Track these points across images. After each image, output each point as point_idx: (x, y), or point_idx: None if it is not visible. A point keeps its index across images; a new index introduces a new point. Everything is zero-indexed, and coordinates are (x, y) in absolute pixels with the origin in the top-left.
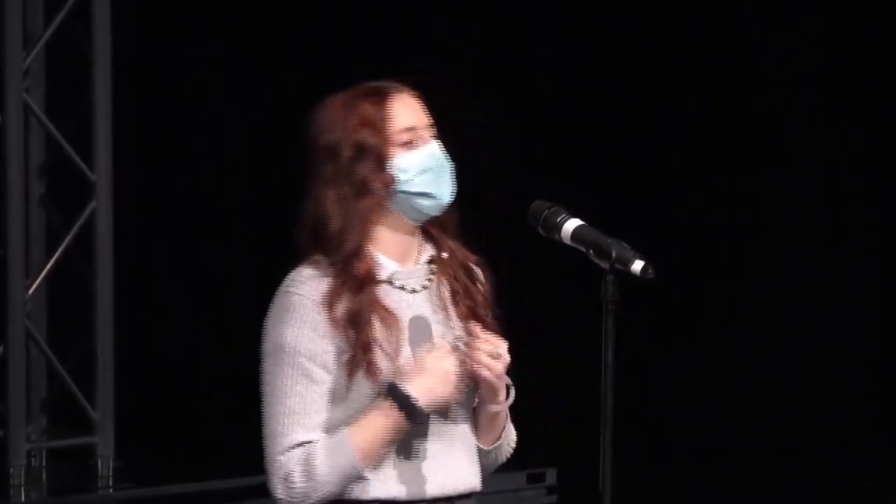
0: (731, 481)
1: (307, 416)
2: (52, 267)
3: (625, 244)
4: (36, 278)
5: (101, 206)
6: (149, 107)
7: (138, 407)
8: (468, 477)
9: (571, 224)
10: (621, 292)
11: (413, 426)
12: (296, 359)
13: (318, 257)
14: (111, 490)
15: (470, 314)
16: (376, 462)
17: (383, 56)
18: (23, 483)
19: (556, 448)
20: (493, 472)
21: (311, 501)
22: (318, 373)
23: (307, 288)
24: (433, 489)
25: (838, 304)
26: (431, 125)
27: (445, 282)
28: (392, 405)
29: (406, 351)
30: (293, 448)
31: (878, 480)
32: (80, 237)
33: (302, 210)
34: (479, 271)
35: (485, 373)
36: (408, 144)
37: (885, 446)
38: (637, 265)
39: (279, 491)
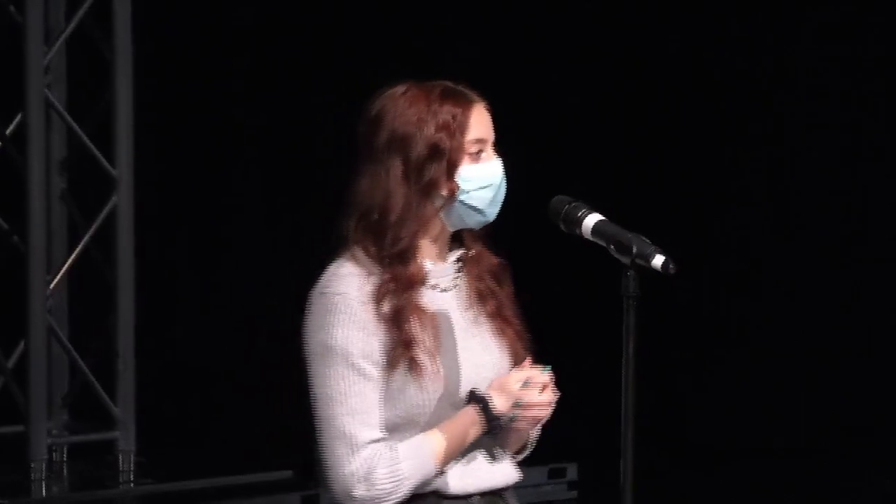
0: (750, 478)
1: (370, 415)
2: (74, 262)
3: (645, 239)
4: (57, 274)
5: (122, 202)
6: (170, 102)
7: (159, 402)
8: (509, 469)
9: (592, 219)
10: (642, 288)
11: (490, 436)
12: (349, 359)
13: (358, 252)
14: (132, 485)
15: (497, 314)
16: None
17: (389, 53)
18: (44, 478)
19: (577, 443)
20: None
21: (388, 502)
22: (373, 371)
23: (348, 286)
24: (482, 483)
25: (855, 303)
26: (495, 141)
27: (472, 282)
28: (478, 412)
29: (443, 349)
30: (365, 447)
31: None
32: (101, 233)
33: (353, 194)
34: (502, 273)
35: (544, 413)
36: (476, 156)
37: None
38: (658, 260)
39: (359, 491)
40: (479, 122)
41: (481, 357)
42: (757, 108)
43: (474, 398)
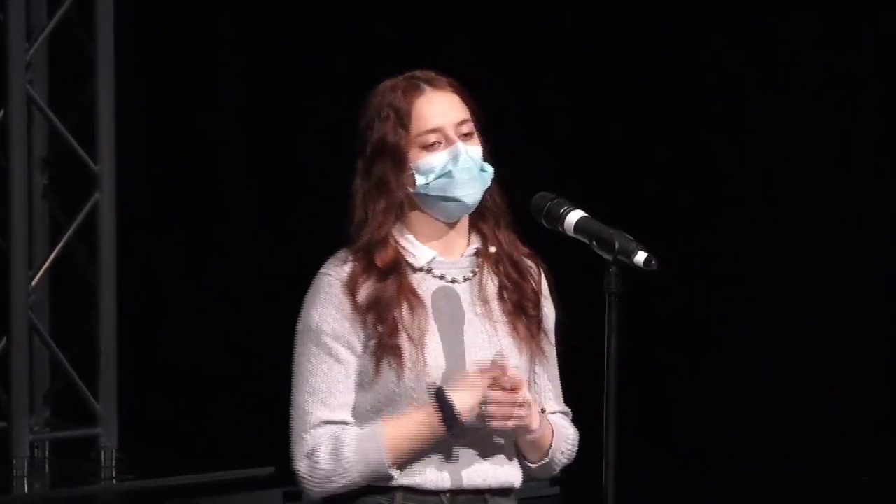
0: (732, 476)
1: (331, 396)
2: (55, 259)
3: (628, 235)
4: (39, 270)
5: (103, 199)
6: (152, 98)
7: (141, 398)
8: (500, 472)
9: (574, 215)
10: (624, 284)
11: (448, 436)
12: (320, 338)
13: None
14: (114, 481)
15: (516, 310)
16: (405, 462)
17: (381, 52)
18: (26, 474)
19: None
20: None
21: (331, 486)
22: (343, 353)
23: (337, 270)
24: (459, 481)
25: (848, 307)
26: (465, 122)
27: (493, 276)
28: (435, 410)
29: (434, 339)
30: (318, 426)
31: (876, 476)
32: (82, 229)
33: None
34: (532, 265)
35: (510, 425)
36: (430, 147)
37: (886, 442)
38: (640, 257)
39: (302, 467)
40: (431, 112)
41: (484, 352)
42: (750, 112)
43: (437, 396)
